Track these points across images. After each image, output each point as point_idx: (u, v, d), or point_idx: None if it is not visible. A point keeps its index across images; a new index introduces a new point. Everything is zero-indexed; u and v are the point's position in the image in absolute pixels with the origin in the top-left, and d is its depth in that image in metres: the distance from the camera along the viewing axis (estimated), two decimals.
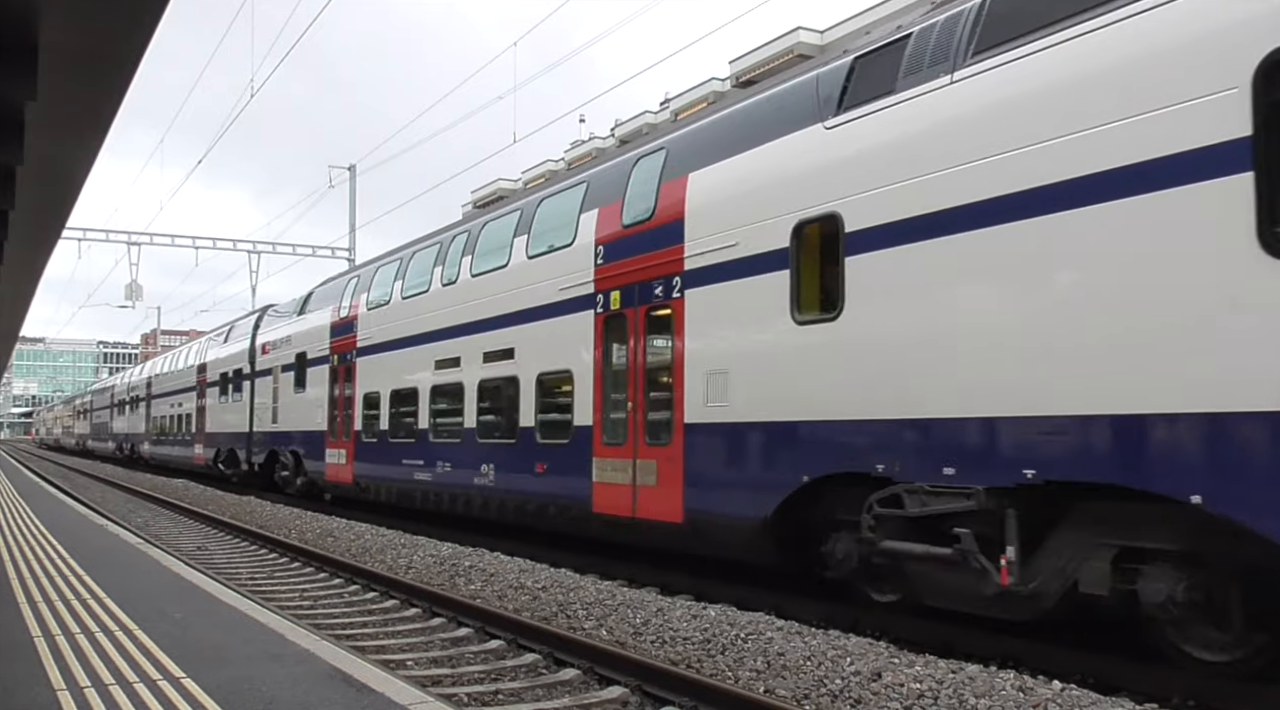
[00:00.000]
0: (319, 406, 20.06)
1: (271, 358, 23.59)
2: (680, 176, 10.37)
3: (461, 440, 14.31)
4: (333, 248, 37.60)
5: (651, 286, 10.50)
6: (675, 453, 9.90)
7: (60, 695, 4.82)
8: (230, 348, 28.05)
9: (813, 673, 6.48)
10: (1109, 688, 6.19)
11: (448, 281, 15.27)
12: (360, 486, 18.07)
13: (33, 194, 9.77)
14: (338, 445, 19.09)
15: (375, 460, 17.38)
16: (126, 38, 6.38)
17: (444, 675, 7.05)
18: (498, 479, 13.29)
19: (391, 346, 16.99)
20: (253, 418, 24.75)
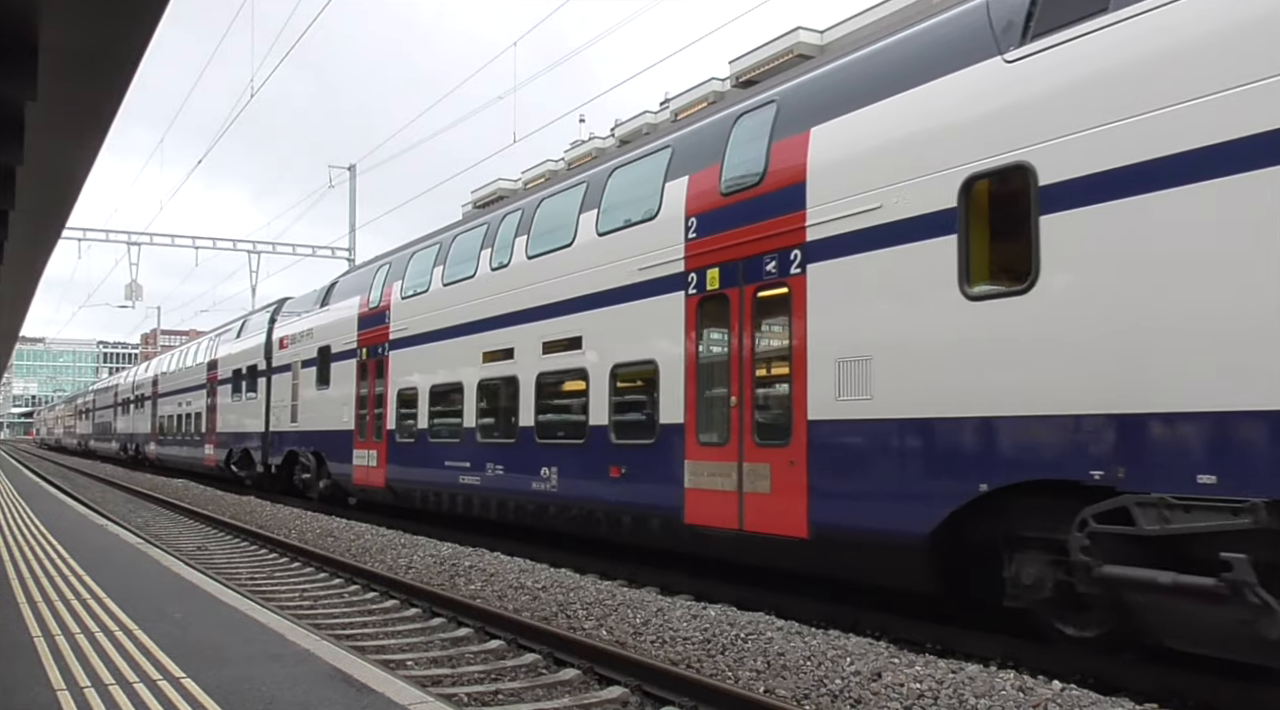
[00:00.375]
0: (345, 404, 18.70)
1: (290, 353, 22.21)
2: (798, 132, 8.89)
3: (516, 441, 12.97)
4: (333, 248, 37.60)
5: (760, 262, 9.06)
6: (796, 454, 8.46)
7: (60, 695, 4.82)
8: (244, 343, 26.62)
9: (813, 673, 6.48)
10: (1109, 688, 6.19)
11: (498, 265, 13.92)
12: (393, 491, 16.74)
13: (33, 194, 9.76)
14: (367, 446, 17.71)
15: (411, 462, 16.08)
16: (126, 38, 6.38)
17: (444, 675, 7.06)
18: (562, 484, 11.89)
19: (430, 338, 15.67)
20: (269, 417, 23.40)
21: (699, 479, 9.68)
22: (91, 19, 6.13)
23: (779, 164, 9.06)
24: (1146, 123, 6.16)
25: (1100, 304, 6.34)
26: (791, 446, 8.50)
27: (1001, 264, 7.15)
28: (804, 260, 8.56)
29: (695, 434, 9.82)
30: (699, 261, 9.94)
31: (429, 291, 16.00)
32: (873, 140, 8.15)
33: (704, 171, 10.09)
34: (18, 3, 5.85)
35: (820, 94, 8.99)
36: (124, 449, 45.75)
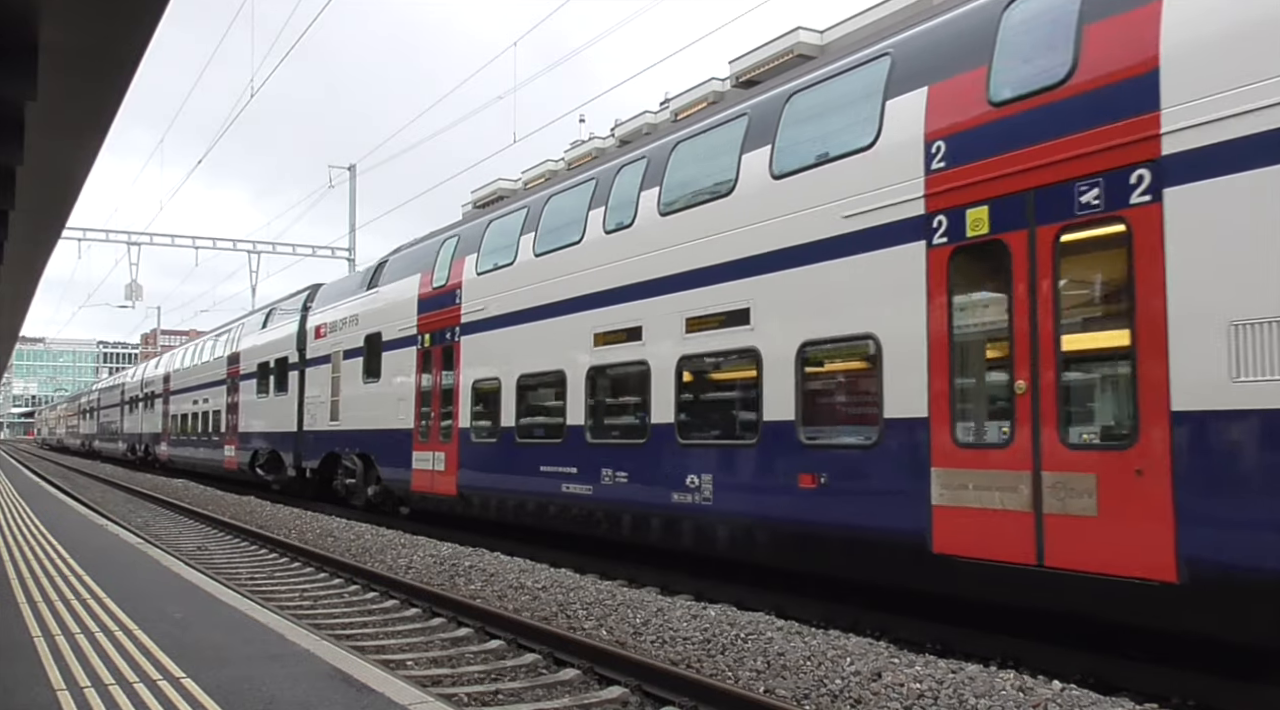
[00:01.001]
0: (401, 400, 16.26)
1: (329, 342, 19.74)
2: (1137, 4, 6.58)
3: (646, 441, 10.67)
4: (333, 248, 37.59)
5: (1069, 192, 6.70)
6: (1148, 460, 6.14)
7: (60, 695, 4.82)
8: (271, 334, 24.24)
9: (813, 673, 6.48)
10: (1109, 688, 6.19)
11: (615, 226, 11.55)
12: (468, 500, 14.31)
13: (33, 194, 9.76)
14: (431, 447, 15.27)
15: (493, 468, 13.66)
16: (126, 38, 6.38)
17: (444, 675, 7.06)
18: (720, 496, 9.57)
19: (517, 319, 13.27)
20: (303, 414, 21.00)
21: (957, 493, 7.26)
22: (91, 19, 6.13)
23: (1102, 50, 6.73)
24: None
25: None
26: (1138, 449, 6.19)
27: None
28: (1157, 183, 6.24)
29: (948, 432, 7.42)
30: (951, 199, 7.52)
31: (515, 264, 13.54)
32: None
33: (954, 79, 7.74)
34: (18, 3, 5.85)
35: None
36: (131, 450, 43.47)
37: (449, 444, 14.80)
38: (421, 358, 15.85)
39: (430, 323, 15.72)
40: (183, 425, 33.09)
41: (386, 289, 17.64)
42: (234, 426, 26.54)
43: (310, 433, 20.60)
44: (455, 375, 14.78)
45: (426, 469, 15.43)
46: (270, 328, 24.66)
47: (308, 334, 21.23)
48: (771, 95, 9.84)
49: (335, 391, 19.25)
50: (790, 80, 9.79)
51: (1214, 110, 6.03)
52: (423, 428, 15.71)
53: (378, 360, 17.33)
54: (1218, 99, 6.03)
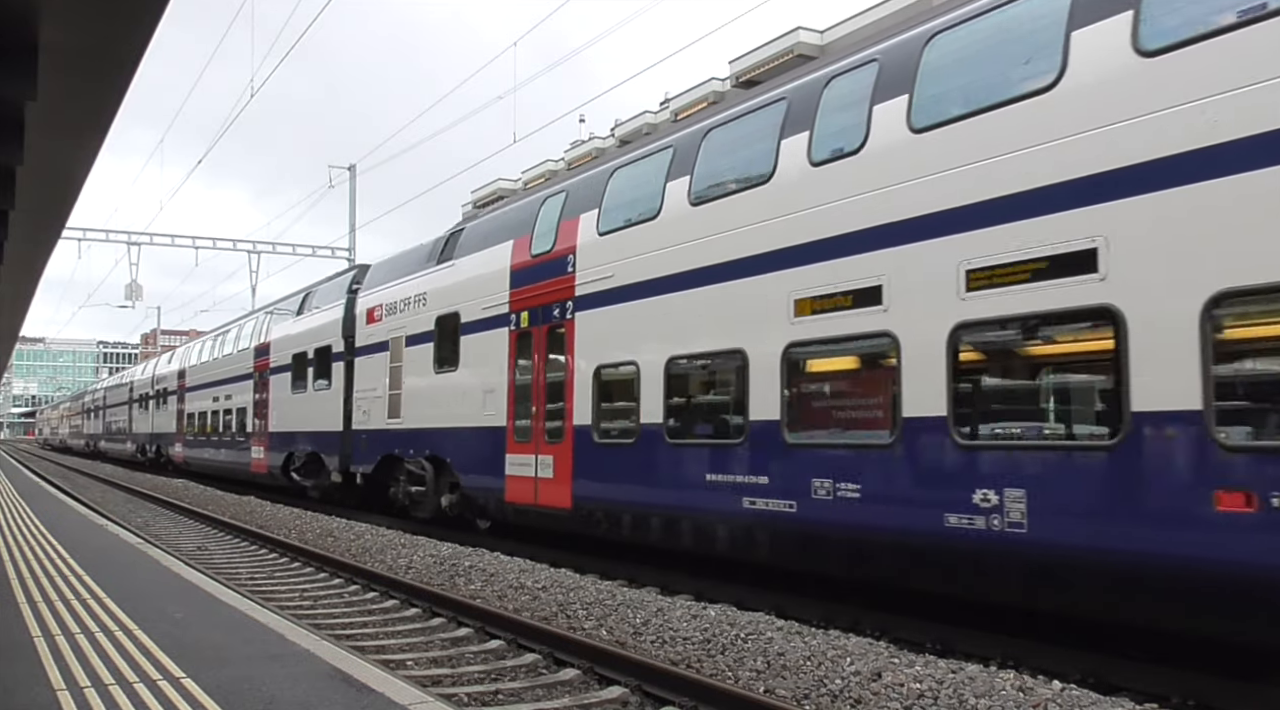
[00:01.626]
0: (489, 392, 13.61)
1: (386, 327, 16.97)
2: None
3: (894, 440, 7.81)
4: (333, 248, 37.60)
5: None
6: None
7: (60, 695, 4.82)
8: (309, 321, 21.43)
9: (813, 673, 6.48)
10: (1109, 688, 6.20)
11: (829, 156, 8.77)
12: (587, 515, 11.53)
13: (33, 194, 9.76)
14: (532, 449, 12.55)
15: (628, 475, 10.83)
16: (126, 38, 6.38)
17: (444, 675, 7.06)
18: (1038, 520, 6.71)
19: (666, 286, 10.44)
20: (351, 411, 18.33)
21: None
22: (91, 19, 6.13)
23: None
24: None
25: None
26: None
27: None
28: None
29: None
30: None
31: (660, 218, 10.73)
32: None
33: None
34: (18, 3, 5.85)
35: None
36: (141, 451, 40.44)
37: (558, 446, 11.92)
38: (516, 341, 13.10)
39: (529, 298, 12.90)
40: (201, 425, 30.27)
41: (465, 262, 14.84)
42: (263, 426, 23.68)
43: (362, 432, 17.74)
44: (567, 361, 11.92)
45: (526, 476, 12.52)
46: (307, 314, 21.71)
47: (357, 319, 18.39)
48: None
49: (395, 384, 16.45)
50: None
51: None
52: (520, 427, 12.89)
53: (454, 346, 14.69)
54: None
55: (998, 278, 7.12)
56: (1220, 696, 6.01)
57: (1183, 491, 6.04)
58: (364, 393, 17.80)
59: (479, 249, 14.64)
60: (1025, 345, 7.40)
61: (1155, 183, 6.35)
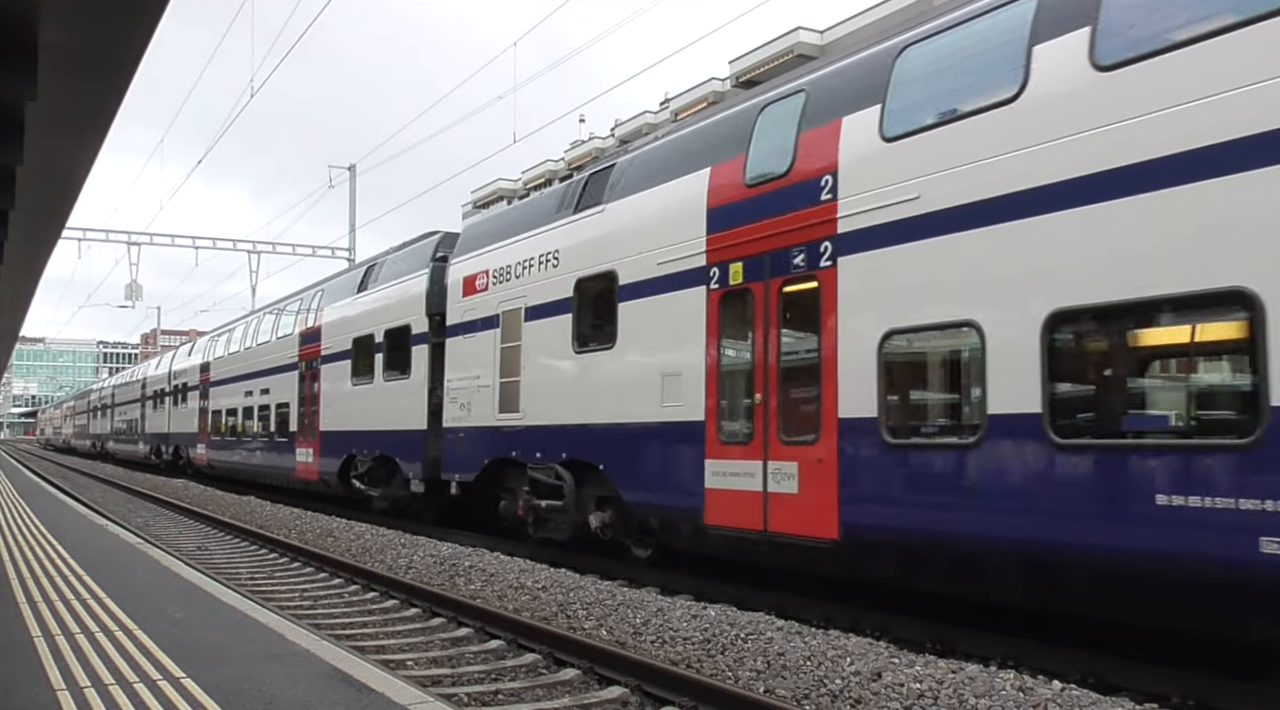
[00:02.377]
0: (670, 376, 10.19)
1: (493, 299, 13.55)
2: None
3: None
4: (333, 248, 37.64)
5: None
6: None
7: (60, 695, 4.82)
8: (375, 298, 17.94)
9: (813, 673, 6.48)
10: (1109, 688, 6.20)
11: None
12: (865, 552, 8.15)
13: (33, 194, 9.77)
14: (754, 452, 9.07)
15: (961, 493, 7.32)
16: (126, 38, 6.39)
17: (444, 675, 7.06)
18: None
19: (1031, 205, 6.99)
20: (439, 405, 14.95)
21: None
22: (91, 19, 6.13)
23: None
24: None
25: None
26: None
27: None
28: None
29: None
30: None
31: (1021, 100, 7.19)
32: None
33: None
34: (18, 3, 5.85)
35: None
36: (156, 453, 36.76)
37: (810, 447, 8.45)
38: (720, 304, 9.63)
39: (744, 244, 9.36)
40: (230, 423, 26.83)
41: (622, 206, 11.28)
42: (311, 424, 20.24)
43: (457, 431, 14.26)
44: (823, 326, 8.44)
45: (745, 490, 9.05)
46: (372, 290, 18.22)
47: (448, 291, 14.97)
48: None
49: (510, 369, 13.05)
50: None
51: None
52: (730, 422, 9.53)
53: (605, 317, 11.37)
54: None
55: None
56: (1220, 696, 6.01)
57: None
58: (460, 381, 14.26)
59: (646, 186, 10.99)
60: None
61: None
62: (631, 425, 10.79)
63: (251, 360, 25.13)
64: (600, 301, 11.60)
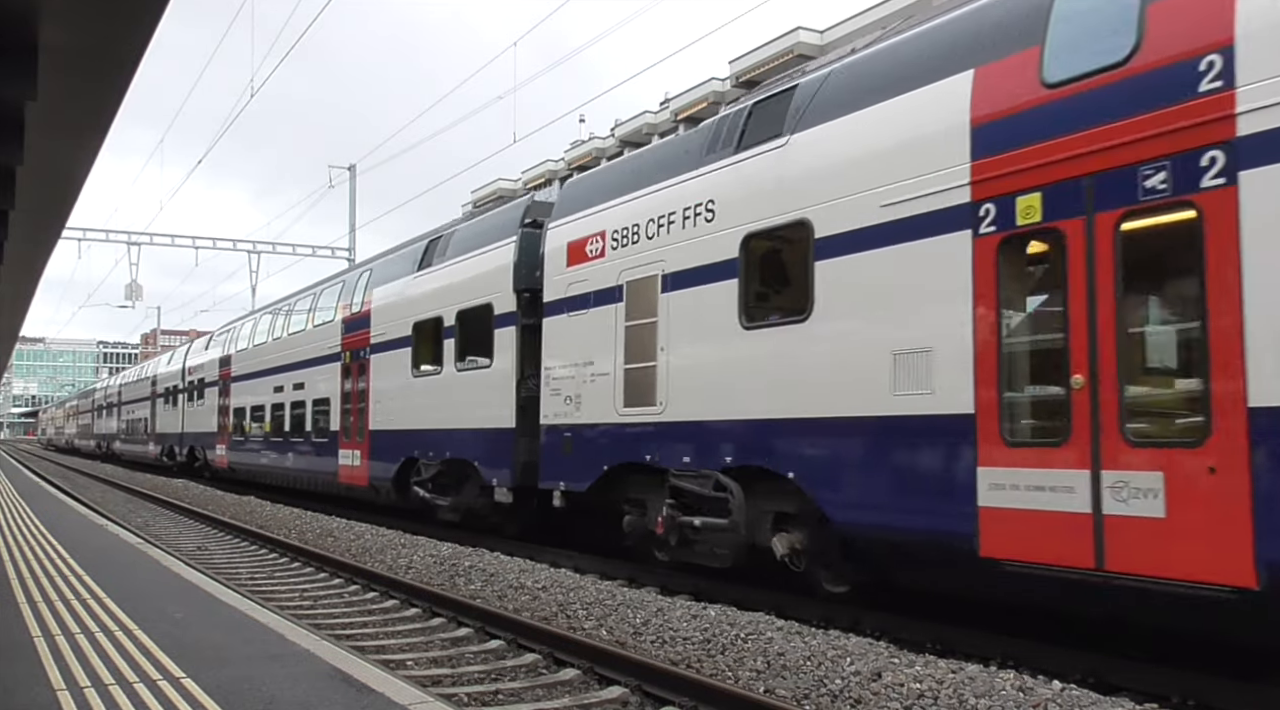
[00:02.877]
0: (906, 354, 7.64)
1: (612, 267, 11.00)
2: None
3: None
4: (333, 248, 37.65)
5: None
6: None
7: (60, 695, 4.82)
8: (443, 275, 15.37)
9: (813, 673, 6.48)
10: (1109, 688, 6.20)
11: None
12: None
13: (33, 194, 9.77)
14: (1072, 457, 6.49)
15: None
16: (126, 38, 6.39)
17: (444, 675, 7.06)
18: None
19: None
20: (542, 396, 12.20)
21: None
22: (91, 19, 6.13)
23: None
24: None
25: None
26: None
27: None
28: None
29: None
30: None
31: None
32: None
33: None
34: (18, 3, 5.85)
35: None
36: (168, 454, 34.49)
37: (1188, 453, 6.00)
38: (994, 253, 7.05)
39: (1041, 167, 6.85)
40: (255, 422, 24.47)
41: (814, 137, 8.67)
42: (358, 422, 17.83)
43: (562, 429, 11.74)
44: (1206, 276, 5.97)
45: (1056, 511, 6.53)
46: (439, 267, 15.56)
47: (547, 260, 12.38)
48: None
49: (640, 353, 10.58)
50: None
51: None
52: (1027, 422, 7.13)
53: (791, 279, 9.28)
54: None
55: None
56: (1220, 696, 6.01)
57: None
58: (565, 369, 11.74)
59: (853, 108, 8.38)
60: None
61: None
62: (840, 420, 8.17)
63: (281, 352, 22.63)
64: (782, 261, 9.41)
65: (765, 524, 9.08)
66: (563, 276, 11.91)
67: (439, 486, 14.88)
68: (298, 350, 21.47)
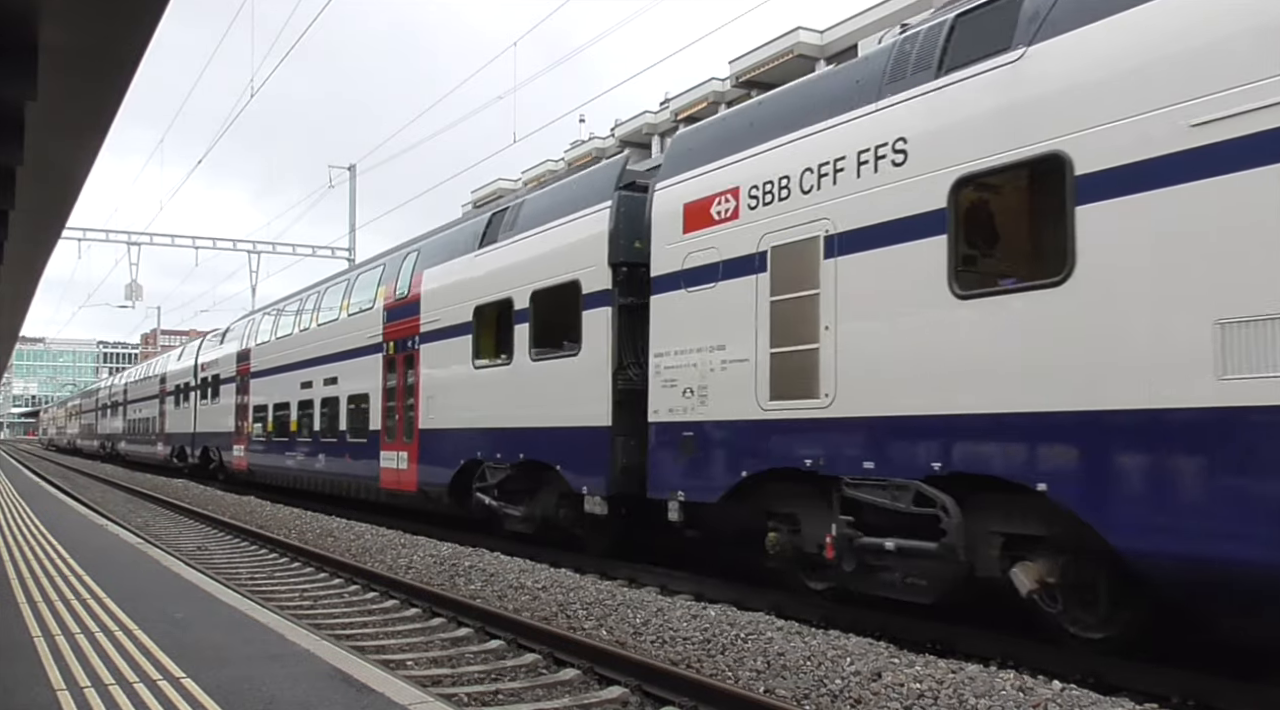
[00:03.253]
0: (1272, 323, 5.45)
1: (751, 229, 9.13)
2: None
3: None
4: (333, 248, 37.65)
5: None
6: None
7: (60, 695, 4.82)
8: (513, 251, 13.33)
9: (813, 673, 6.48)
10: (1109, 688, 6.20)
11: None
12: None
13: (33, 194, 9.77)
14: None
15: None
16: (126, 38, 6.39)
17: (444, 675, 7.06)
18: None
19: None
20: (651, 389, 10.29)
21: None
22: (91, 19, 6.13)
23: None
24: None
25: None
26: None
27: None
28: None
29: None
30: None
31: None
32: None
33: None
34: (18, 3, 5.85)
35: None
36: (179, 455, 32.89)
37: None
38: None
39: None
40: (279, 421, 22.51)
41: (1067, 44, 6.75)
42: (404, 420, 15.94)
43: (682, 428, 9.78)
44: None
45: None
46: (509, 242, 13.41)
47: (655, 227, 10.38)
48: None
49: (791, 333, 8.64)
50: None
51: None
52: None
53: (1035, 232, 7.79)
54: None
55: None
56: (1220, 696, 6.01)
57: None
58: (682, 356, 9.81)
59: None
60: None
61: None
62: (1128, 415, 6.17)
63: (311, 344, 20.74)
64: (1016, 209, 7.80)
65: (992, 550, 7.19)
66: (678, 245, 9.91)
67: (507, 493, 13.03)
68: (330, 342, 19.49)
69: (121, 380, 49.09)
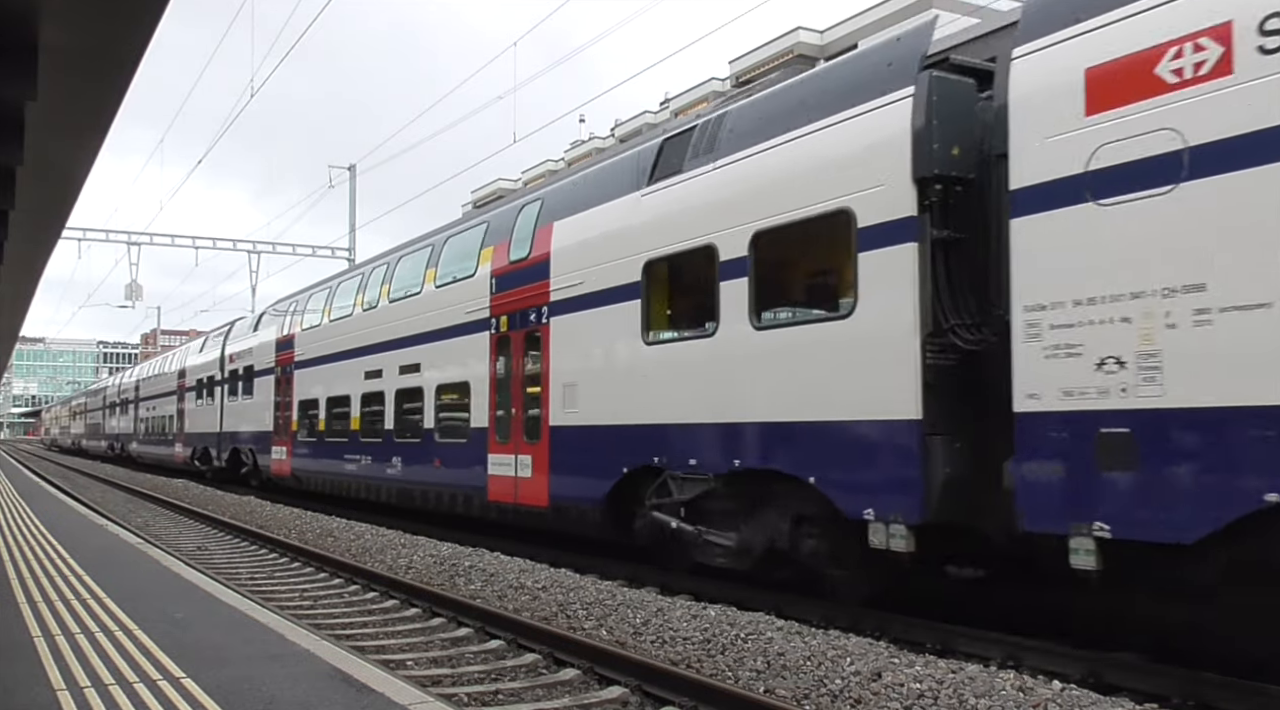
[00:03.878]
0: None
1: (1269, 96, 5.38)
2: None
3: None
4: (333, 248, 37.66)
5: None
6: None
7: (60, 695, 4.82)
8: (711, 184, 9.78)
9: (813, 673, 6.48)
10: (1109, 688, 6.20)
11: None
12: None
13: (33, 194, 9.77)
14: None
15: None
16: (126, 38, 6.39)
17: (444, 675, 7.06)
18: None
19: None
20: (1025, 357, 6.62)
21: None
22: (91, 19, 6.13)
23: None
24: None
25: None
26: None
27: None
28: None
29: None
30: None
31: None
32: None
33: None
34: (18, 3, 5.85)
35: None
36: (200, 457, 29.56)
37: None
38: None
39: None
40: (334, 419, 19.20)
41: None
42: (523, 416, 12.72)
43: (1104, 420, 6.20)
44: None
45: None
46: (700, 171, 9.98)
47: (1023, 115, 6.81)
48: None
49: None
50: None
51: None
52: None
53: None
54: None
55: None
56: (1220, 696, 6.01)
57: None
58: (1098, 306, 6.29)
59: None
60: None
61: None
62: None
63: (379, 326, 17.21)
64: None
65: None
66: (1074, 136, 6.45)
67: (704, 514, 9.79)
68: (407, 322, 16.07)
69: (133, 376, 45.28)
